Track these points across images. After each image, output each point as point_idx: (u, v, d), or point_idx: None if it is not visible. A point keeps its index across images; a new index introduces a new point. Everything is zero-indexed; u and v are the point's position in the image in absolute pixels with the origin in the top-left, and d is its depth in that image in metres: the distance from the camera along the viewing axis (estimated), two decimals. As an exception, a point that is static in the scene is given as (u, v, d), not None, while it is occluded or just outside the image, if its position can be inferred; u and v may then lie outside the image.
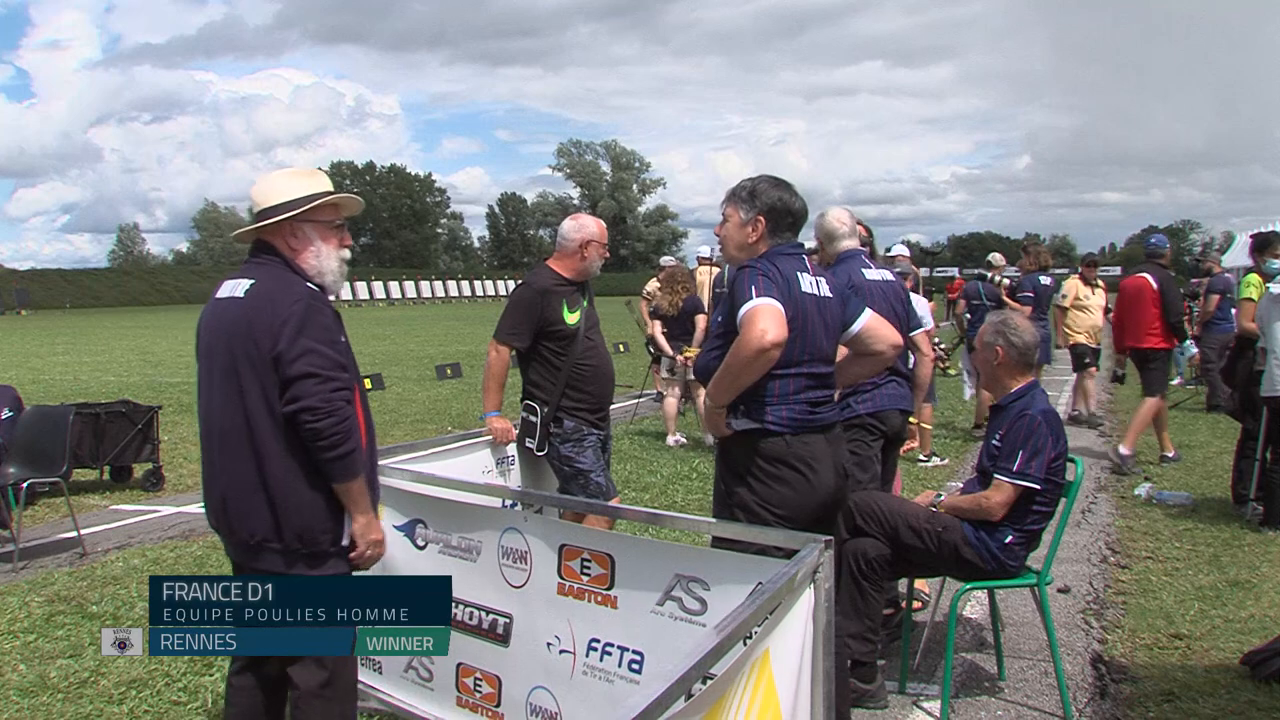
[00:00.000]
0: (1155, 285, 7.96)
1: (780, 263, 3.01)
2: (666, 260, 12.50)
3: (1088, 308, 10.48)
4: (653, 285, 11.74)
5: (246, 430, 2.66)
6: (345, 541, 2.75)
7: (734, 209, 3.13)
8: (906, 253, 10.81)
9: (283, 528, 2.67)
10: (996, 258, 11.84)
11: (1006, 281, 10.83)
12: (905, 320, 4.33)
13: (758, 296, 2.87)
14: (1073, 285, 10.65)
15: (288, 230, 2.76)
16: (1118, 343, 8.56)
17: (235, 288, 2.75)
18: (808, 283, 3.04)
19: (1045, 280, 10.54)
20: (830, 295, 3.12)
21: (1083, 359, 10.48)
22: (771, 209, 3.08)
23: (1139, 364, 8.29)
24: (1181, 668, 4.01)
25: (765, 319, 2.82)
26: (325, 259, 2.80)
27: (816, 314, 3.03)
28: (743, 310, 2.88)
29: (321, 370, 2.61)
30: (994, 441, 3.68)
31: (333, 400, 2.61)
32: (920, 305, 9.06)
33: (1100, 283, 10.85)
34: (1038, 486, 3.55)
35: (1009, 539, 3.59)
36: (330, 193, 2.80)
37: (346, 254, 2.88)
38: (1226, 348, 8.26)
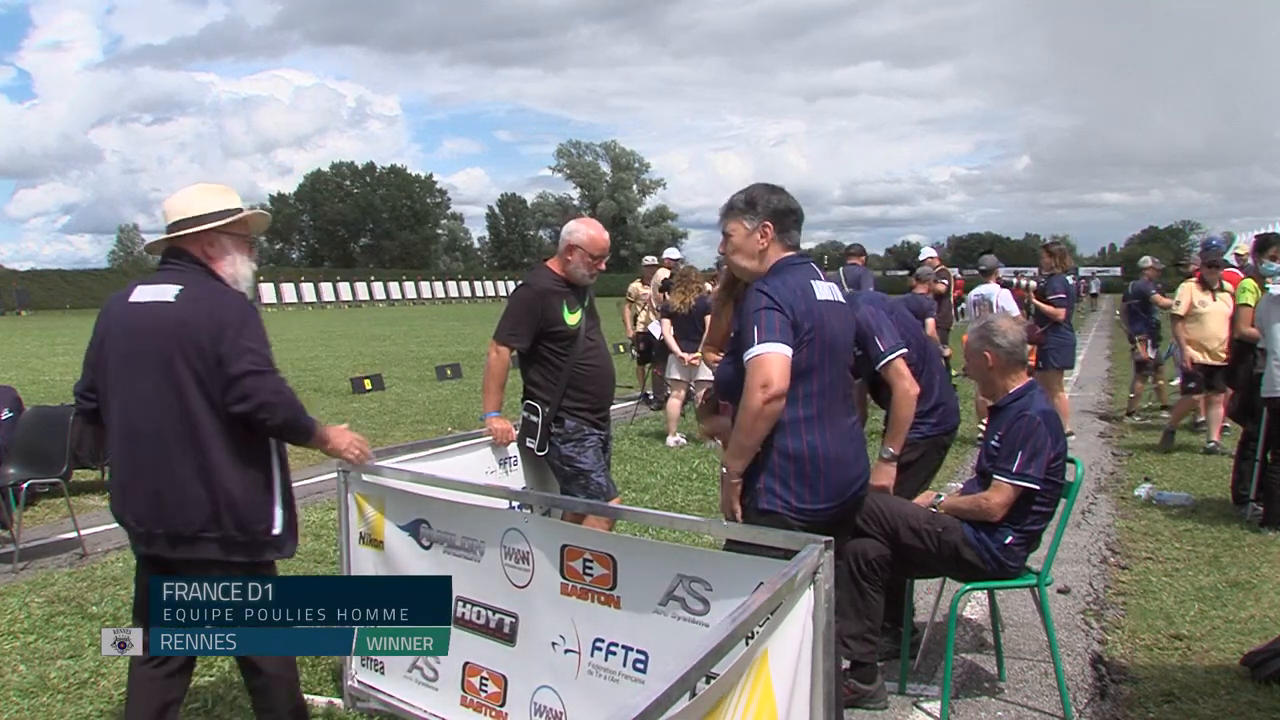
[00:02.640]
0: None
1: (792, 275, 3.03)
2: (648, 260, 12.56)
3: (1204, 316, 8.79)
4: (636, 287, 11.80)
5: (185, 427, 2.78)
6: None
7: (737, 223, 3.13)
8: (935, 255, 10.74)
9: (221, 517, 2.81)
10: (1146, 260, 11.62)
11: (1034, 285, 9.85)
12: (924, 347, 4.33)
13: (760, 342, 2.86)
14: (1187, 290, 8.95)
15: (205, 240, 2.92)
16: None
17: (161, 292, 2.84)
18: (822, 290, 3.07)
19: (1070, 280, 10.40)
20: (842, 300, 3.18)
21: (1190, 382, 8.96)
22: (775, 212, 3.10)
23: None
24: (1181, 668, 4.02)
25: (769, 368, 2.83)
26: (241, 267, 2.99)
27: (833, 318, 3.06)
28: (748, 356, 2.88)
29: (263, 366, 2.81)
30: (993, 442, 3.68)
31: (281, 390, 2.83)
32: (1006, 299, 9.19)
33: (1228, 285, 8.69)
34: (1037, 487, 3.56)
35: (1009, 539, 3.60)
36: (241, 209, 3.00)
37: (254, 265, 3.11)
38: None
